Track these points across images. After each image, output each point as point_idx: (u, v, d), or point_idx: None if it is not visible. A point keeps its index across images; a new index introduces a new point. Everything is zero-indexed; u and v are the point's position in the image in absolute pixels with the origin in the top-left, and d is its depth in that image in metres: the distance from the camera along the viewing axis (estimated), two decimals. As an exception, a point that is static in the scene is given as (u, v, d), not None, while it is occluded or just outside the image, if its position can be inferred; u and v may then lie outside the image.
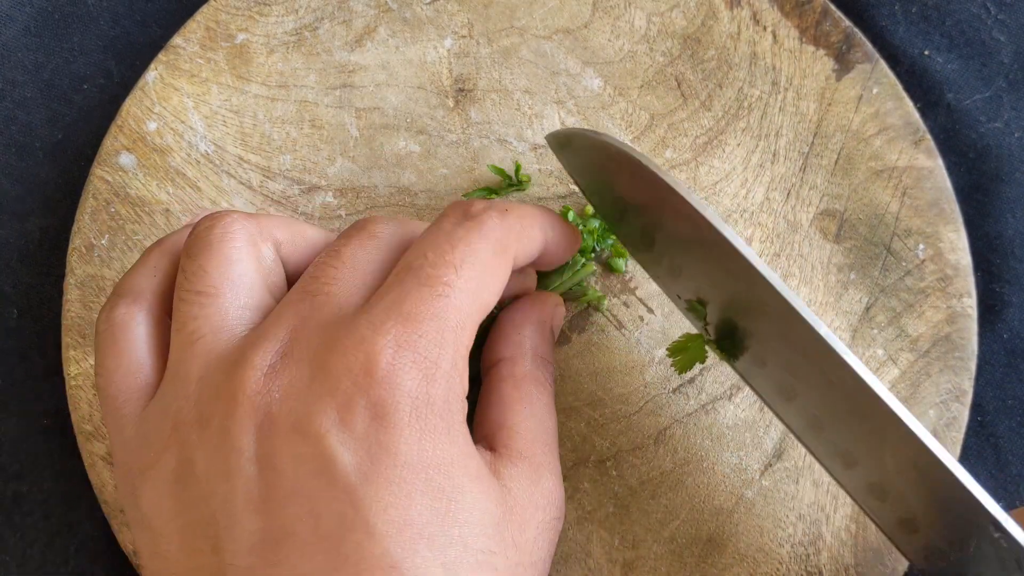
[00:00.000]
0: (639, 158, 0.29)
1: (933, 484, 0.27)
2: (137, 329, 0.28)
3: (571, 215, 0.37)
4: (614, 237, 0.37)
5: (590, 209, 0.37)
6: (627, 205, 0.33)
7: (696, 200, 0.28)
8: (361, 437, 0.24)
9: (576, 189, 0.39)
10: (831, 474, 0.32)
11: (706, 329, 0.34)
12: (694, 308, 0.34)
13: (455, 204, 0.29)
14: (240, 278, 0.27)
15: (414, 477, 0.24)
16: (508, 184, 0.38)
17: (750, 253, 0.28)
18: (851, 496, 0.32)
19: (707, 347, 0.34)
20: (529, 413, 0.30)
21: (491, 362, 0.32)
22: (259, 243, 0.28)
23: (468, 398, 0.27)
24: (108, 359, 0.28)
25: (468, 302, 0.26)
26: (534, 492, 0.28)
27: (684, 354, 0.34)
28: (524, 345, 0.32)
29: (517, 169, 0.38)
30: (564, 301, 0.36)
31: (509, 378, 0.31)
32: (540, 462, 0.29)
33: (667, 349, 0.34)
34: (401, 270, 0.27)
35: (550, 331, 0.34)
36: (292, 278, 0.29)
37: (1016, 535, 0.27)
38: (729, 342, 0.33)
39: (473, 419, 0.31)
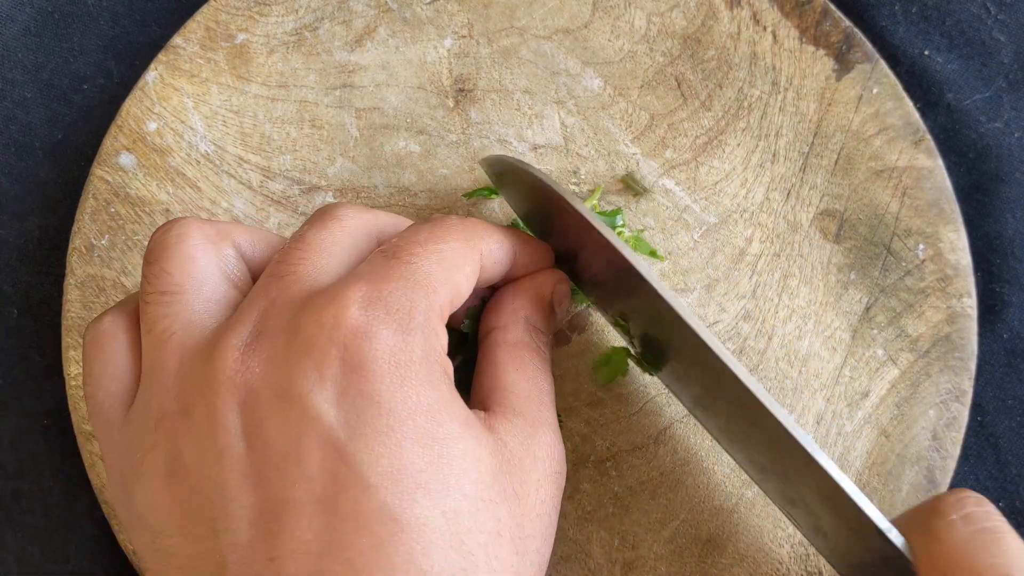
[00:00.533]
0: (550, 183, 0.31)
1: (826, 494, 0.28)
2: (120, 336, 0.28)
3: None
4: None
5: None
6: (551, 228, 0.34)
7: (602, 225, 0.30)
8: (342, 390, 0.24)
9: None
10: (753, 481, 0.34)
11: (631, 343, 0.35)
12: (618, 324, 0.35)
13: (414, 222, 0.30)
14: (202, 274, 0.27)
15: (400, 425, 0.24)
16: None
17: (648, 271, 0.30)
18: (774, 503, 0.34)
19: (630, 360, 0.36)
20: (522, 375, 0.31)
21: (485, 331, 0.32)
22: (217, 242, 0.28)
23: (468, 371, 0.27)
24: (94, 366, 0.28)
25: (436, 269, 0.27)
26: (531, 445, 0.28)
27: (607, 367, 0.37)
28: (518, 313, 0.32)
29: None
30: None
31: (502, 344, 0.31)
32: (535, 418, 0.29)
33: (593, 364, 0.37)
34: (371, 255, 0.27)
35: (548, 304, 0.33)
36: (256, 277, 0.30)
37: (898, 543, 0.27)
38: (651, 357, 0.35)
39: (470, 390, 0.31)
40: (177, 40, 0.39)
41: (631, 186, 0.39)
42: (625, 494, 0.36)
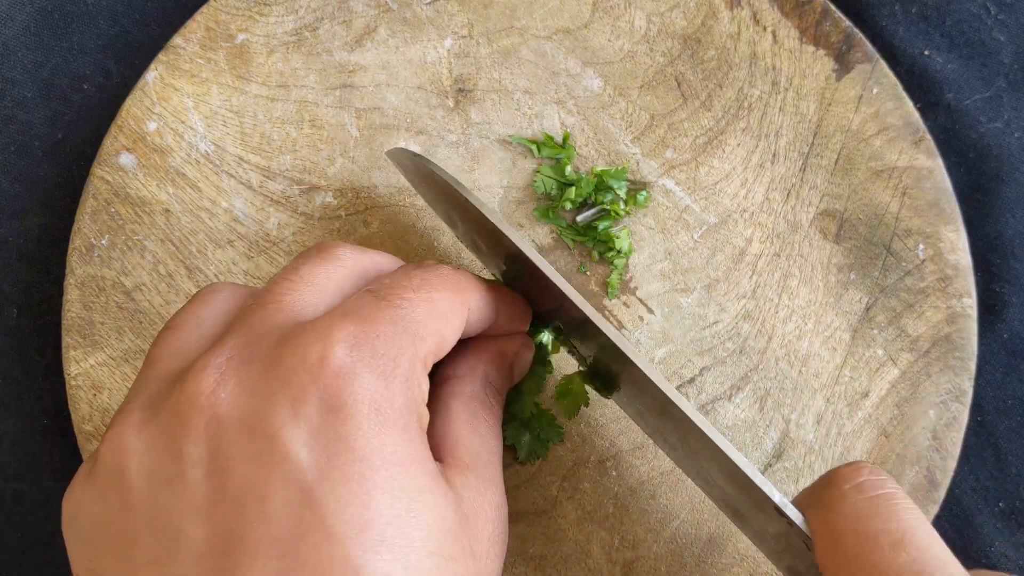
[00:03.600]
0: (448, 179, 0.32)
1: (728, 472, 0.29)
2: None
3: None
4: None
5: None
6: (456, 219, 0.34)
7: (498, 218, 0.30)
8: (317, 431, 0.23)
9: None
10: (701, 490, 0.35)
11: (582, 361, 0.35)
12: (563, 340, 0.35)
13: (405, 264, 0.30)
14: (207, 312, 0.27)
15: (372, 474, 0.23)
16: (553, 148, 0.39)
17: (540, 260, 0.30)
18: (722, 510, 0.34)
19: (585, 385, 0.36)
20: (473, 431, 0.30)
21: (442, 378, 0.32)
22: (241, 295, 0.28)
23: None
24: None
25: (425, 317, 0.26)
26: (483, 502, 0.28)
27: (568, 398, 0.36)
28: (477, 368, 0.32)
29: (566, 137, 0.39)
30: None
31: (459, 395, 0.31)
32: (484, 475, 0.29)
33: (554, 395, 0.37)
34: (359, 293, 0.27)
35: (508, 366, 0.33)
36: None
37: (793, 516, 0.28)
38: (598, 374, 0.35)
39: None
40: (177, 40, 0.39)
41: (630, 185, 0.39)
42: (625, 494, 0.36)
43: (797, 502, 0.29)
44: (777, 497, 0.27)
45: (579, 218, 0.38)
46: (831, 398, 0.37)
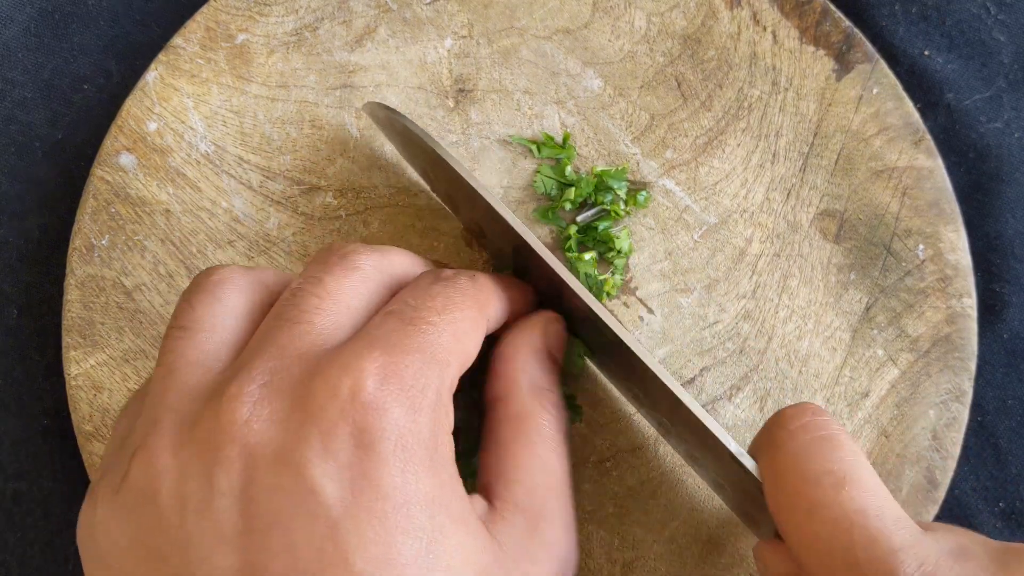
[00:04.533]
0: (424, 138, 0.32)
1: (690, 425, 0.30)
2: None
3: None
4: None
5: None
6: (431, 174, 0.35)
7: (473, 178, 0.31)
8: (345, 466, 0.23)
9: None
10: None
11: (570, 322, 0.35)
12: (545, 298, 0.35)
13: (427, 271, 0.29)
14: (223, 316, 0.27)
15: (396, 513, 0.23)
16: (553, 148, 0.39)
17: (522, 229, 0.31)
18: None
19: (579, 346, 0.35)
20: (529, 457, 0.29)
21: (489, 402, 0.31)
22: (251, 289, 0.28)
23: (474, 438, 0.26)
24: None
25: (451, 342, 0.26)
26: (531, 546, 0.27)
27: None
28: (517, 380, 0.31)
29: (566, 138, 0.39)
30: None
31: (505, 420, 0.30)
32: (539, 512, 0.28)
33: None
34: (382, 315, 0.26)
35: (546, 355, 0.32)
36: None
37: (748, 465, 0.28)
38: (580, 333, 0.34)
39: (477, 464, 0.30)
40: (177, 40, 0.39)
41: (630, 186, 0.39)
42: (625, 494, 0.36)
43: (750, 448, 0.29)
44: (733, 446, 0.28)
45: (579, 218, 0.38)
46: (831, 398, 0.37)
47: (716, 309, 0.38)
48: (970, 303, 0.38)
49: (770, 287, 0.38)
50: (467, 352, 0.27)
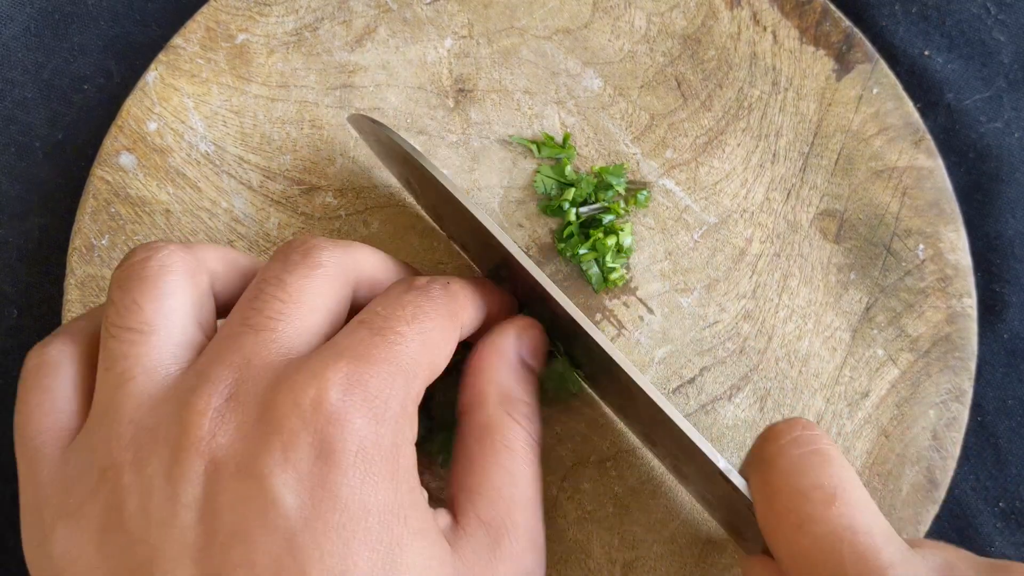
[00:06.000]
0: (407, 148, 0.31)
1: (679, 442, 0.29)
2: (65, 368, 0.26)
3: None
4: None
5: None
6: (416, 187, 0.35)
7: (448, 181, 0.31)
8: (305, 477, 0.23)
9: None
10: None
11: (556, 348, 0.35)
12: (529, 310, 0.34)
13: (399, 280, 0.29)
14: (175, 314, 0.26)
15: (354, 525, 0.23)
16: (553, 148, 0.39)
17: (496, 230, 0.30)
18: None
19: (563, 365, 0.35)
20: (494, 469, 0.29)
21: (459, 414, 0.31)
22: (196, 276, 0.27)
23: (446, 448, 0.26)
24: (32, 395, 0.26)
25: (419, 352, 0.26)
26: (492, 561, 0.27)
27: (551, 381, 0.35)
28: (484, 391, 0.30)
29: (566, 137, 0.39)
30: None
31: (472, 431, 0.30)
32: (503, 526, 0.28)
33: (542, 375, 0.34)
34: (352, 324, 0.26)
35: (517, 363, 0.31)
36: (221, 308, 0.28)
37: (737, 482, 0.28)
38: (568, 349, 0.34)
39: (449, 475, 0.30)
40: (177, 40, 0.39)
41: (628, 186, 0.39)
42: (625, 494, 0.36)
43: (742, 464, 0.29)
44: (722, 463, 0.28)
45: (581, 210, 0.38)
46: (831, 398, 0.37)
47: (716, 309, 0.38)
48: (970, 303, 0.38)
49: (770, 287, 0.38)
50: (435, 363, 0.27)
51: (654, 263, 0.38)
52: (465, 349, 0.32)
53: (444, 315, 0.28)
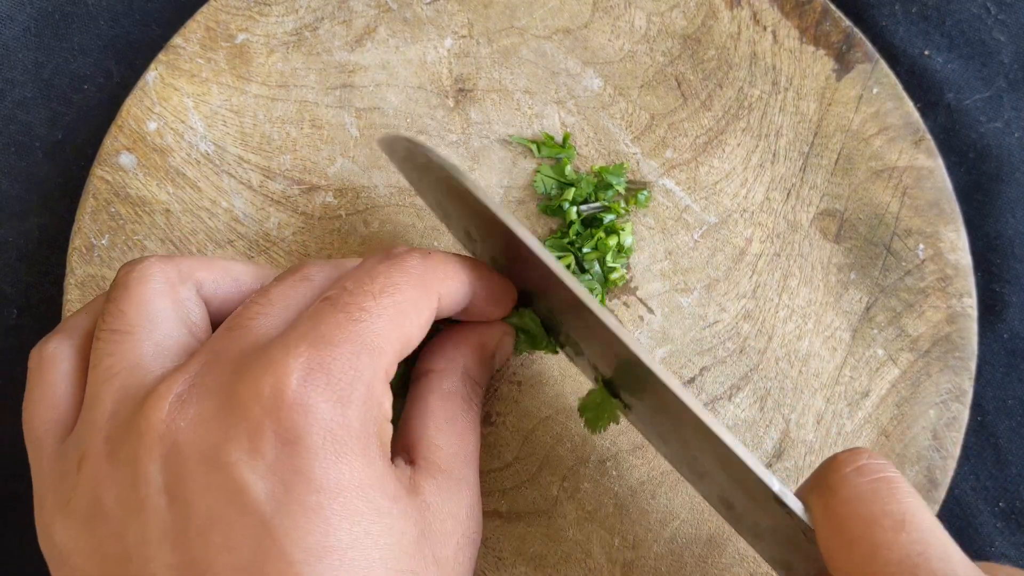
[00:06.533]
0: (444, 164, 0.30)
1: (725, 464, 0.29)
2: (63, 364, 0.27)
3: None
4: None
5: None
6: (447, 206, 0.34)
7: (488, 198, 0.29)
8: (272, 464, 0.23)
9: None
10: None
11: (595, 372, 0.34)
12: (569, 344, 0.34)
13: (379, 250, 0.29)
14: (155, 317, 0.27)
15: (331, 502, 0.24)
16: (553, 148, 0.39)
17: (523, 232, 0.29)
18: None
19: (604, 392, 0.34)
20: (451, 429, 0.30)
21: (421, 372, 0.32)
22: (177, 284, 0.28)
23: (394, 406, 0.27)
24: (34, 391, 0.27)
25: (387, 328, 0.26)
26: (454, 506, 0.28)
27: (591, 411, 0.34)
28: (457, 361, 0.32)
29: (566, 137, 0.39)
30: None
31: (436, 391, 0.31)
32: (460, 476, 0.29)
33: (578, 406, 0.34)
34: (319, 302, 0.26)
35: (490, 356, 0.33)
36: (220, 317, 0.29)
37: (793, 506, 0.27)
38: (614, 383, 0.33)
39: (396, 426, 0.31)
40: (177, 40, 0.39)
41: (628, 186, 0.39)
42: (625, 494, 0.36)
43: (796, 493, 0.29)
44: (776, 486, 0.27)
45: (582, 208, 0.38)
46: (831, 398, 0.37)
47: (716, 309, 0.38)
48: (970, 303, 0.38)
49: (770, 287, 0.38)
50: (407, 336, 0.27)
51: (654, 263, 0.38)
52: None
53: (417, 286, 0.27)
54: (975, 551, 0.40)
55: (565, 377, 0.37)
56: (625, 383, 0.32)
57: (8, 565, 0.39)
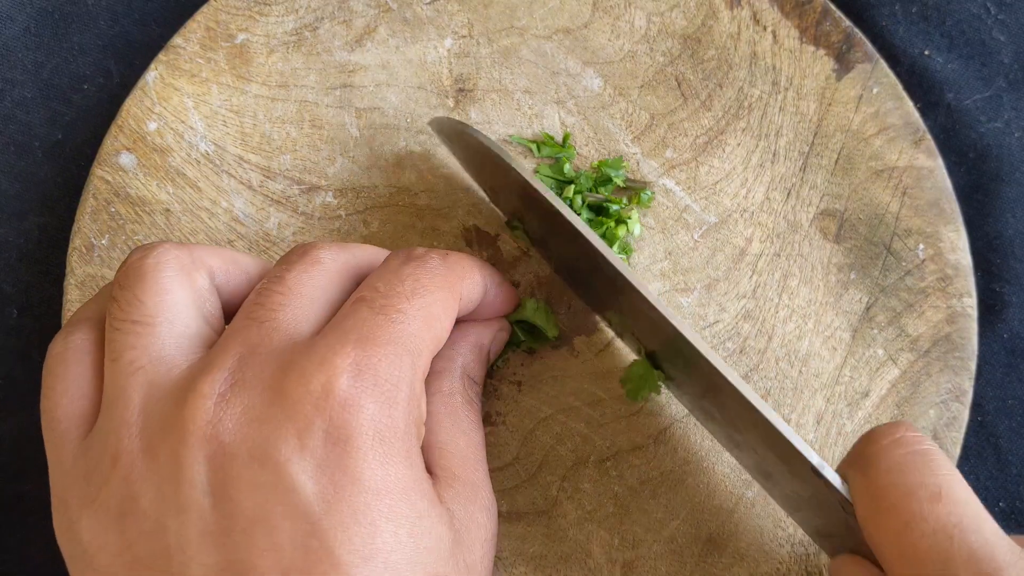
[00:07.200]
0: (496, 150, 0.32)
1: (766, 438, 0.30)
2: (87, 356, 0.27)
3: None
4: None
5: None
6: (498, 187, 0.35)
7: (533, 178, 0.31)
8: (323, 463, 0.23)
9: None
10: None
11: (638, 345, 0.35)
12: (607, 319, 0.36)
13: (396, 251, 0.29)
14: (175, 307, 0.26)
15: (378, 503, 0.24)
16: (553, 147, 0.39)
17: (576, 220, 0.31)
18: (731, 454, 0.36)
19: (646, 366, 0.36)
20: (458, 430, 0.30)
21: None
22: (192, 271, 0.27)
23: None
24: (58, 383, 0.27)
25: (422, 329, 0.26)
26: (474, 511, 0.28)
27: (632, 382, 0.36)
28: (455, 361, 0.32)
29: (566, 137, 0.39)
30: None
31: (437, 393, 0.31)
32: (474, 480, 0.29)
33: (621, 377, 0.36)
34: (353, 302, 0.26)
35: (486, 355, 0.33)
36: (228, 308, 0.29)
37: (831, 478, 0.28)
38: (655, 356, 0.35)
39: None
40: (177, 40, 0.39)
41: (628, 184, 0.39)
42: (625, 494, 0.36)
43: (838, 468, 0.29)
44: (815, 459, 0.28)
45: (588, 199, 0.38)
46: (831, 398, 0.37)
47: (716, 309, 0.38)
48: (970, 303, 0.38)
49: (770, 287, 0.38)
50: (438, 337, 0.27)
51: (654, 263, 0.38)
52: None
53: (443, 286, 0.28)
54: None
55: (565, 379, 0.37)
56: (668, 357, 0.33)
57: (8, 564, 0.39)
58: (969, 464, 0.40)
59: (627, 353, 0.37)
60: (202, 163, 0.39)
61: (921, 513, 0.26)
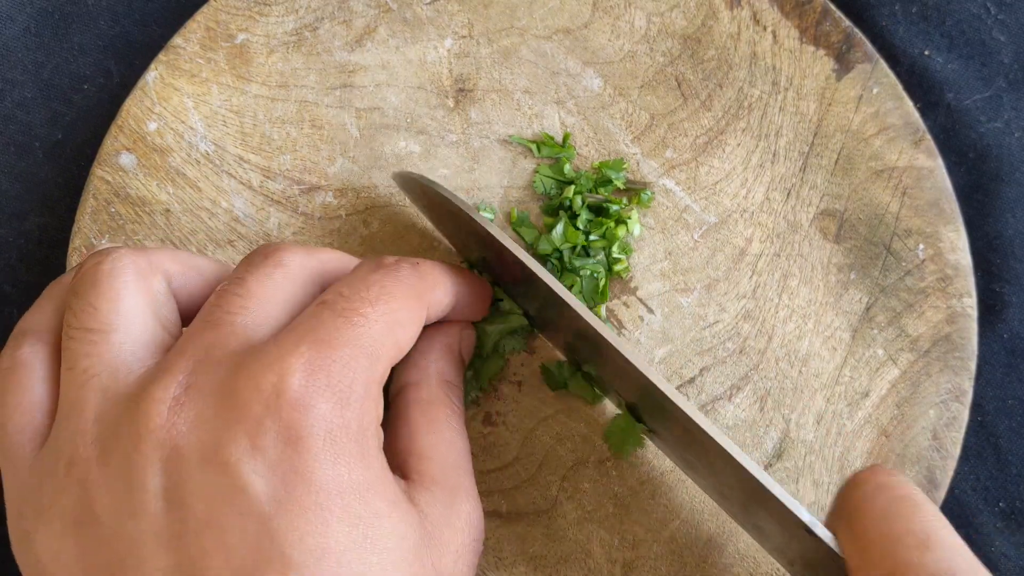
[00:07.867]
0: (458, 203, 0.32)
1: (753, 494, 0.29)
2: (37, 367, 0.26)
3: None
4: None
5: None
6: (462, 239, 0.35)
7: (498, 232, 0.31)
8: (274, 463, 0.23)
9: None
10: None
11: (620, 399, 0.35)
12: (587, 377, 0.36)
13: (367, 258, 0.29)
14: (131, 313, 0.26)
15: (330, 503, 0.23)
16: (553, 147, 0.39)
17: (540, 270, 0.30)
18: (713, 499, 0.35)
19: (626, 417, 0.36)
20: (439, 438, 0.30)
21: (397, 388, 0.32)
22: (149, 277, 0.27)
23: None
24: (8, 396, 0.26)
25: (383, 333, 0.26)
26: (450, 516, 0.28)
27: (616, 436, 0.36)
28: (429, 369, 0.32)
29: (566, 137, 0.39)
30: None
31: (416, 403, 0.31)
32: (454, 485, 0.29)
33: (604, 432, 0.36)
34: (316, 305, 0.26)
35: (458, 356, 0.33)
36: (186, 312, 0.28)
37: (824, 537, 0.27)
38: (636, 408, 0.35)
39: (385, 445, 0.31)
40: (177, 40, 0.39)
41: (628, 185, 0.39)
42: (625, 494, 0.36)
43: (827, 517, 0.29)
44: (806, 516, 0.27)
45: (588, 199, 0.38)
46: (831, 398, 0.37)
47: (716, 309, 0.38)
48: (970, 303, 0.38)
49: (770, 287, 0.38)
50: (400, 344, 0.27)
51: (654, 263, 0.38)
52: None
53: (411, 296, 0.28)
54: (975, 551, 0.39)
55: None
56: (647, 408, 0.33)
57: (9, 564, 0.39)
58: (969, 464, 0.40)
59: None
60: (202, 163, 0.39)
61: (910, 562, 0.25)
